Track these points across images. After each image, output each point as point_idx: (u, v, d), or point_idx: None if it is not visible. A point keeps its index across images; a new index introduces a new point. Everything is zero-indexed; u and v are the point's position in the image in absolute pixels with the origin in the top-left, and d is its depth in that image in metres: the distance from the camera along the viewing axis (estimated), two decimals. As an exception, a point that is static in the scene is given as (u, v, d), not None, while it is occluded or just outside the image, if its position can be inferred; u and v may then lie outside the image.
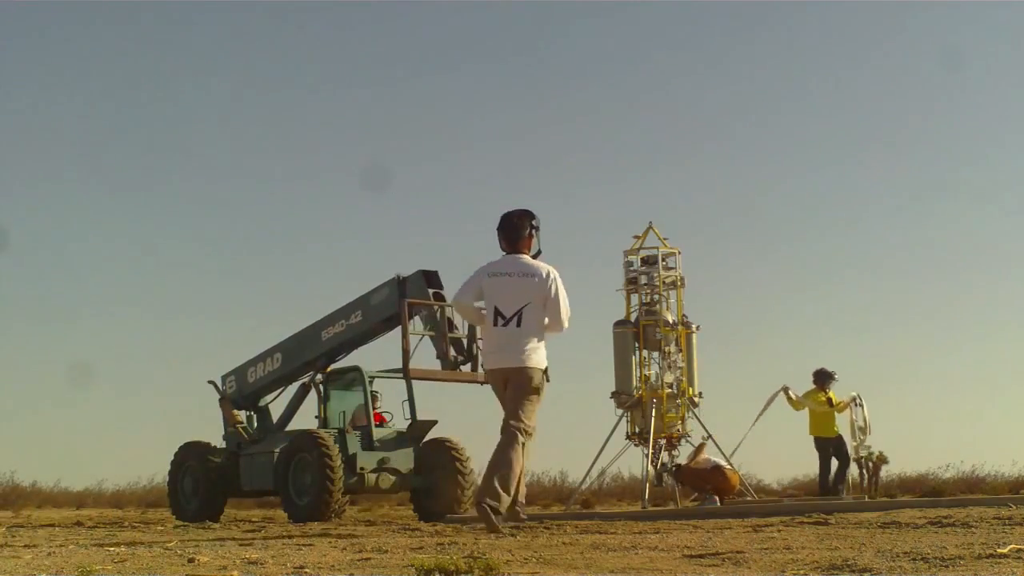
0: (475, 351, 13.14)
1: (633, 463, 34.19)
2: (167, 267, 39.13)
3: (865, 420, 15.89)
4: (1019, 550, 4.79)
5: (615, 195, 38.68)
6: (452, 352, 13.05)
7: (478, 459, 14.30)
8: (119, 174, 38.89)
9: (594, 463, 17.26)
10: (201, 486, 15.40)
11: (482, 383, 13.09)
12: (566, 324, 7.88)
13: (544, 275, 7.78)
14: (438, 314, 13.13)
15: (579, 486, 19.21)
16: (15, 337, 37.46)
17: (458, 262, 37.08)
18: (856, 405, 16.13)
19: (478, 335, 13.03)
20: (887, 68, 39.47)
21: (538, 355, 7.78)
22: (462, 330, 13.21)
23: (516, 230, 7.89)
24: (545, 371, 7.87)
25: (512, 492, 7.55)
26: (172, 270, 39.40)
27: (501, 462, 7.52)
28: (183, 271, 39.46)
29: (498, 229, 7.94)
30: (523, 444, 7.63)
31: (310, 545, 6.49)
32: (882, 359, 36.79)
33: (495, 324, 7.78)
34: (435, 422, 14.92)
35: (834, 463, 16.68)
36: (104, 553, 6.06)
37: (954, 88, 39.09)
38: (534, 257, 7.96)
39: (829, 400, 16.67)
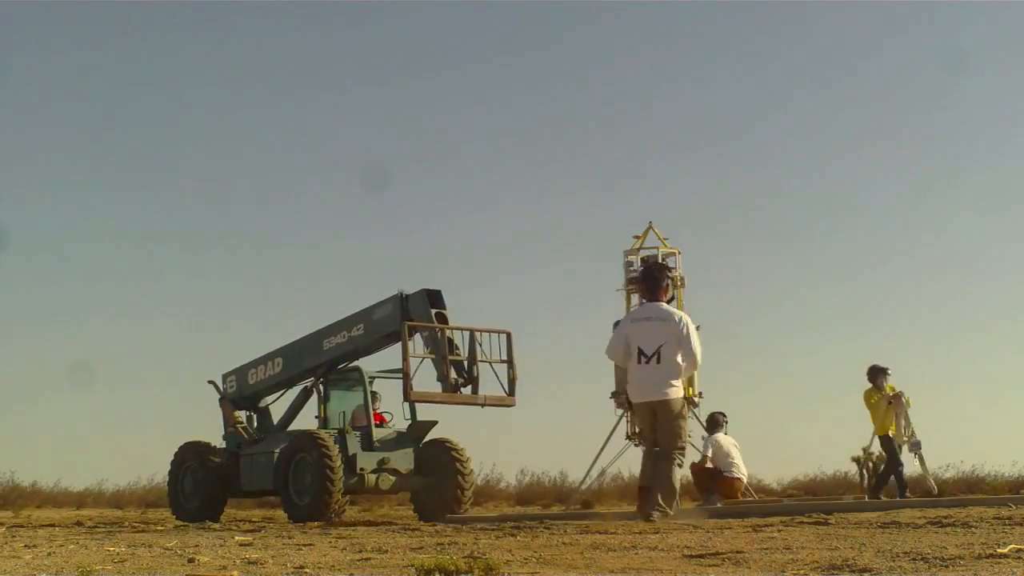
0: (475, 373, 13.23)
1: (633, 463, 34.20)
2: (167, 267, 39.15)
3: (906, 416, 15.74)
4: (1019, 550, 4.79)
5: (615, 195, 38.69)
6: (453, 375, 13.09)
7: (477, 460, 14.29)
8: (119, 174, 38.91)
9: (594, 463, 17.29)
10: (201, 486, 15.39)
11: (483, 405, 13.28)
12: (699, 360, 9.19)
13: (677, 319, 9.10)
14: (439, 335, 13.15)
15: (579, 486, 19.22)
16: (15, 337, 37.47)
17: (458, 261, 37.09)
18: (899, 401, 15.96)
19: (478, 358, 13.29)
20: (888, 68, 39.49)
21: (676, 387, 9.06)
22: (463, 352, 13.29)
23: (656, 281, 9.33)
24: (684, 398, 9.26)
25: (669, 507, 8.82)
26: (172, 270, 39.42)
27: (660, 480, 8.92)
28: (183, 271, 39.48)
29: (639, 280, 9.60)
30: (679, 463, 9.13)
31: (310, 545, 6.49)
32: (882, 359, 36.72)
33: (638, 362, 9.08)
34: (435, 422, 14.93)
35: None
36: (104, 553, 6.06)
37: (954, 89, 39.10)
38: (668, 303, 9.36)
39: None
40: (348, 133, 40.04)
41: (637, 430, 8.73)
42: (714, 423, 15.77)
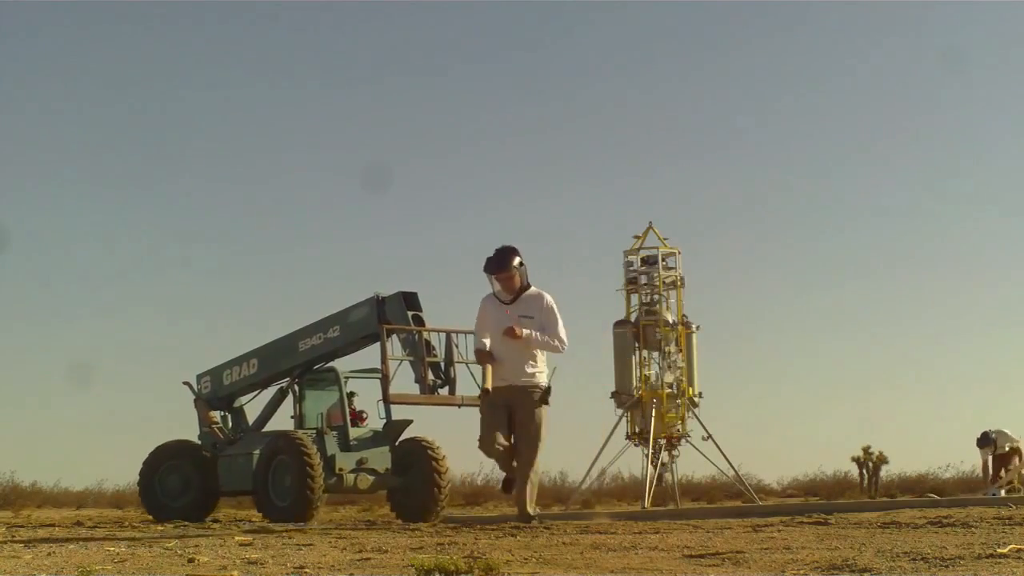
0: (452, 375, 13.36)
1: (633, 463, 34.24)
2: (167, 267, 39.14)
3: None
4: (1019, 550, 4.79)
5: (615, 195, 38.68)
6: (431, 376, 13.19)
7: (476, 460, 14.16)
8: (119, 174, 38.88)
9: (594, 463, 17.30)
10: (193, 485, 15.24)
11: (459, 406, 13.44)
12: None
13: None
14: (416, 337, 13.23)
15: (579, 486, 19.23)
16: (15, 337, 37.44)
17: (458, 261, 37.08)
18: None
19: (455, 359, 13.39)
20: (887, 68, 39.48)
21: None
22: (440, 354, 13.39)
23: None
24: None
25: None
26: (172, 270, 39.41)
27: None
28: (183, 271, 39.46)
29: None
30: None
31: (310, 545, 6.48)
32: (882, 359, 36.81)
33: None
34: (410, 421, 14.90)
35: None
36: (104, 553, 6.06)
37: (955, 88, 39.10)
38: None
39: None
40: (347, 133, 40.06)
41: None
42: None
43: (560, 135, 40.47)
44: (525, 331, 8.06)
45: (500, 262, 8.23)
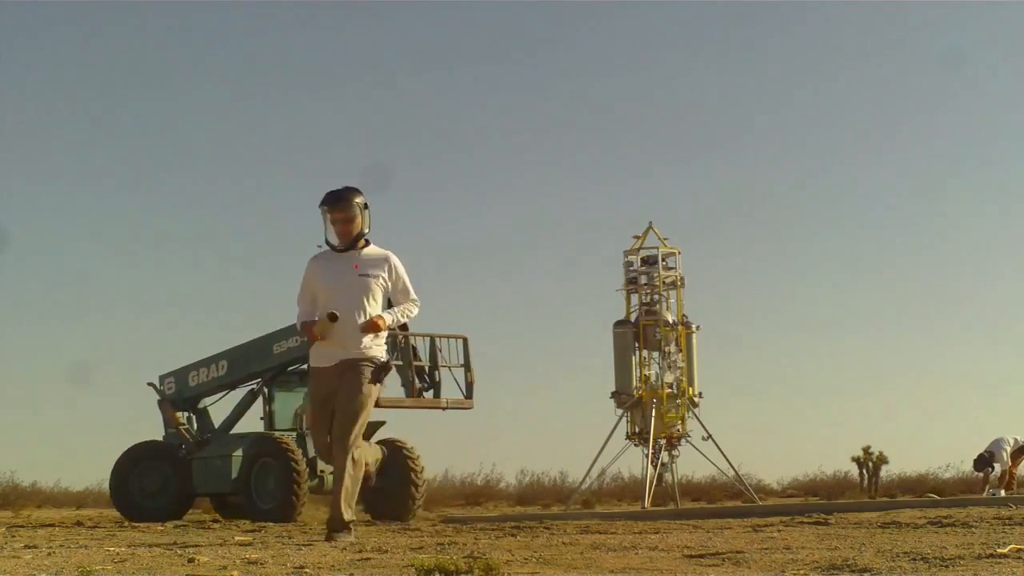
0: (437, 379, 13.59)
1: (633, 463, 34.26)
2: (167, 267, 39.12)
3: None
4: (1019, 550, 4.79)
5: (615, 195, 38.66)
6: (417, 382, 13.36)
7: (477, 460, 14.24)
8: (119, 174, 38.87)
9: (594, 463, 17.32)
10: (171, 484, 15.13)
11: (444, 409, 13.69)
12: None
13: None
14: (401, 342, 13.32)
15: (579, 486, 19.24)
16: (15, 337, 37.42)
17: (458, 261, 37.08)
18: None
19: (439, 363, 13.66)
20: (887, 68, 39.46)
21: None
22: (425, 359, 13.64)
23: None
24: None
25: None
26: (172, 270, 39.40)
27: None
28: (183, 271, 39.46)
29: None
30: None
31: (310, 545, 6.49)
32: (882, 359, 36.81)
33: None
34: (383, 423, 14.88)
35: None
36: (104, 553, 6.06)
37: (954, 89, 39.10)
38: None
39: None
40: (348, 133, 40.04)
41: None
42: None
43: (560, 135, 40.46)
44: (387, 318, 6.86)
45: (341, 195, 6.95)
